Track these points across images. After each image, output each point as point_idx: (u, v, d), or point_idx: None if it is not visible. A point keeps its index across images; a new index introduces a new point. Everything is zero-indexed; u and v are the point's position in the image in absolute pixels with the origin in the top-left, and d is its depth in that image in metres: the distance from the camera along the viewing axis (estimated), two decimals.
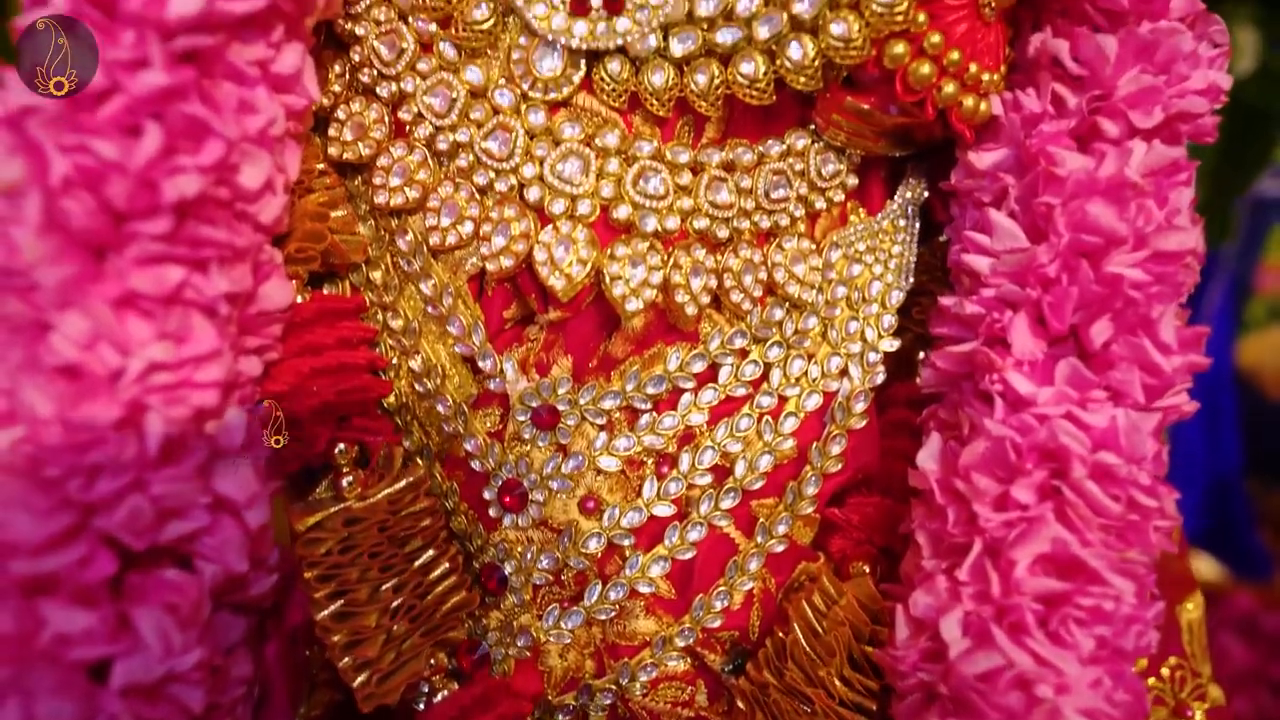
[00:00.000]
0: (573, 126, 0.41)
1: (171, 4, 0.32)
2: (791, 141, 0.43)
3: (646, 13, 0.39)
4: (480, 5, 0.40)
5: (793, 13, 0.39)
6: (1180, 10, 0.42)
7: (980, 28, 0.40)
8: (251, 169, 0.35)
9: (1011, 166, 0.42)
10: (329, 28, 0.43)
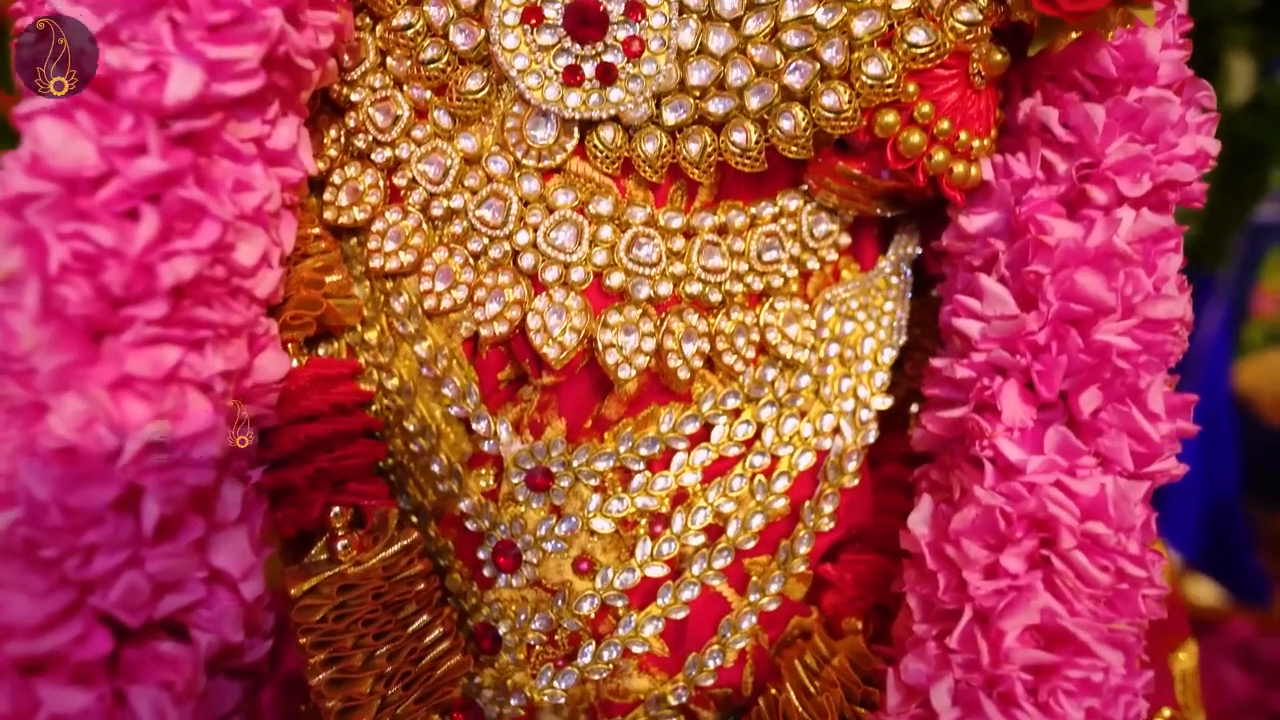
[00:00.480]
0: (566, 193, 0.41)
1: (169, 88, 0.33)
2: (784, 203, 0.44)
3: (639, 83, 0.39)
4: (474, 75, 0.40)
5: (784, 83, 0.39)
6: (1168, 77, 0.42)
7: (970, 95, 0.41)
8: (247, 246, 0.35)
9: (1001, 231, 0.42)
10: (324, 93, 0.43)
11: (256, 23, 0.34)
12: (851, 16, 0.39)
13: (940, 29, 0.39)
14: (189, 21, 0.33)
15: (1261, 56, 1.11)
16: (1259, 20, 1.14)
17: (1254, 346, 1.26)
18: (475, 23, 0.40)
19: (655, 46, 0.39)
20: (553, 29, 0.39)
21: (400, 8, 0.40)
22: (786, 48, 0.39)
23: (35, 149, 0.31)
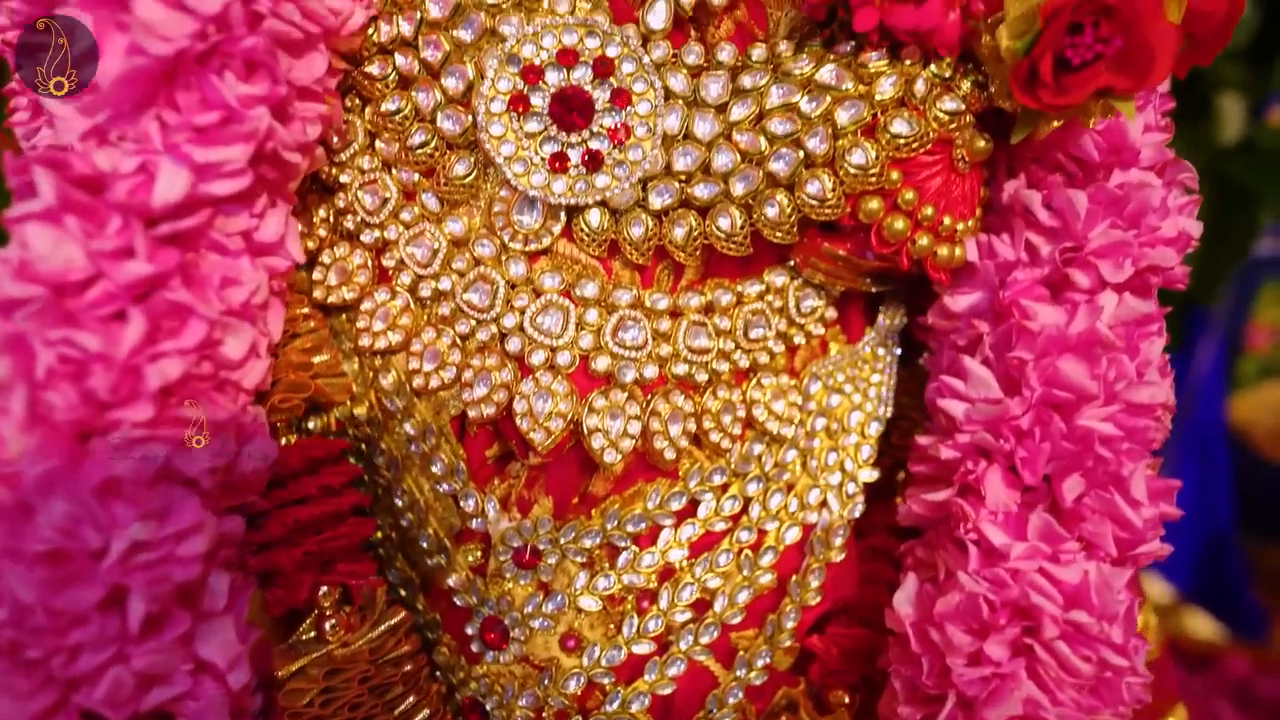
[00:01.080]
0: (553, 277, 0.41)
1: (156, 191, 0.33)
2: (770, 279, 0.44)
3: (625, 169, 0.40)
4: (462, 160, 0.41)
5: (769, 170, 0.40)
6: (1150, 159, 0.42)
7: (954, 179, 0.41)
8: (235, 341, 0.35)
9: (986, 312, 0.43)
10: (314, 172, 0.44)
11: (244, 123, 0.34)
12: (835, 106, 0.39)
13: (923, 118, 0.39)
14: (177, 123, 0.34)
15: (1252, 95, 1.12)
16: (1250, 58, 1.15)
17: (1248, 380, 1.26)
18: (462, 109, 0.40)
19: (641, 133, 0.39)
20: (539, 117, 0.39)
21: (389, 92, 0.41)
22: (771, 135, 0.40)
23: (24, 254, 0.32)
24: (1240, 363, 1.26)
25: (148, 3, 0.33)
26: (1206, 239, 0.85)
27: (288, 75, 0.36)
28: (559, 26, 0.39)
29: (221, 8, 0.34)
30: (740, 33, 0.41)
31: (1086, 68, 0.36)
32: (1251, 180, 0.84)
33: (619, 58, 0.39)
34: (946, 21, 0.38)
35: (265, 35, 0.35)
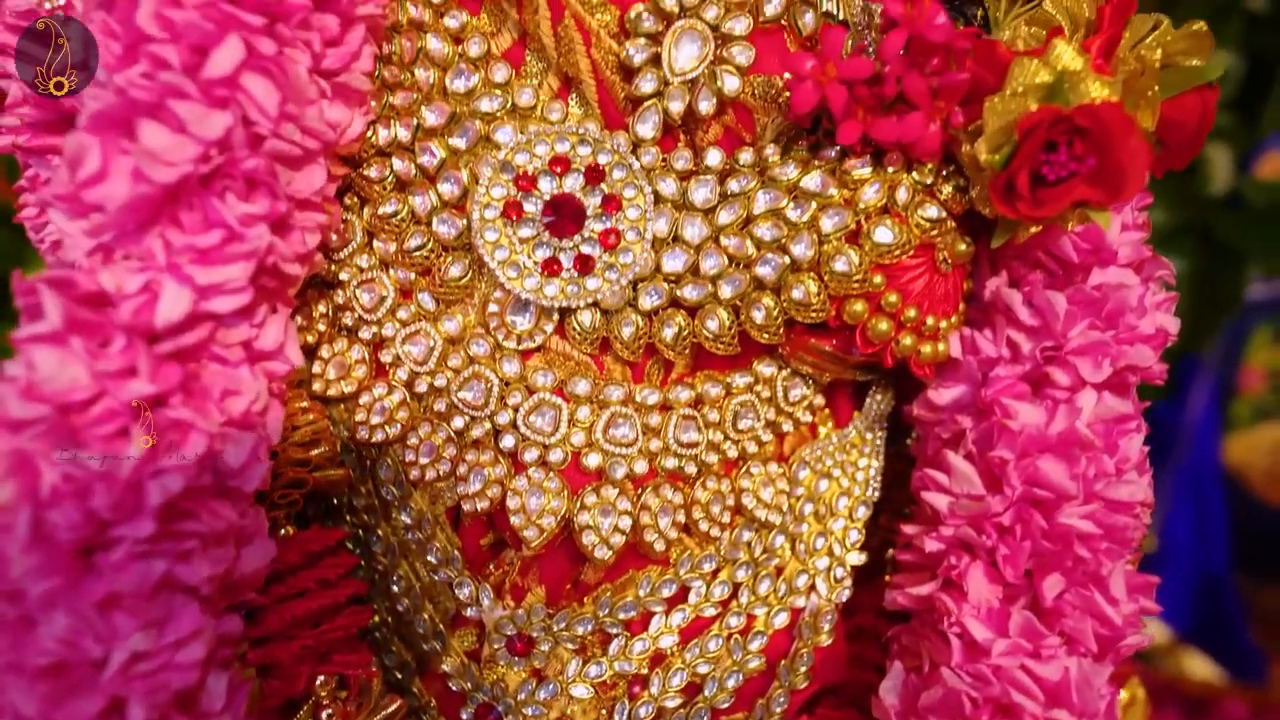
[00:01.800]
0: (545, 375, 0.42)
1: (159, 311, 0.34)
2: (759, 370, 0.45)
3: (616, 271, 0.41)
4: (457, 263, 0.42)
5: (755, 274, 0.41)
6: (1128, 257, 0.44)
7: (937, 279, 0.42)
8: (235, 450, 0.36)
9: (969, 406, 0.44)
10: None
11: (245, 242, 0.35)
12: (820, 213, 0.40)
13: (906, 225, 0.40)
14: (180, 243, 0.35)
15: (1240, 143, 1.13)
16: (1238, 106, 1.17)
17: (1242, 422, 1.27)
18: (458, 213, 0.41)
19: (631, 237, 0.41)
20: (532, 223, 0.40)
21: (386, 194, 0.42)
22: (758, 240, 0.41)
23: (30, 375, 0.33)
24: (1234, 405, 1.26)
25: (152, 129, 0.34)
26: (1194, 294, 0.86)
27: (287, 189, 0.37)
28: (551, 135, 0.40)
29: (224, 131, 0.35)
30: (728, 136, 0.42)
31: (1062, 183, 0.37)
32: (1238, 238, 0.85)
33: (610, 165, 0.40)
34: (928, 133, 0.39)
35: (266, 155, 0.36)
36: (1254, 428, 1.27)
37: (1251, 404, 1.28)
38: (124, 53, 0.35)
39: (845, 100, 0.38)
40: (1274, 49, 1.17)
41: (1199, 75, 0.40)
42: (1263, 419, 1.28)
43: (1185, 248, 0.87)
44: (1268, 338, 1.23)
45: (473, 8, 0.41)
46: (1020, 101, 0.38)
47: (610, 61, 0.40)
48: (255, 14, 0.36)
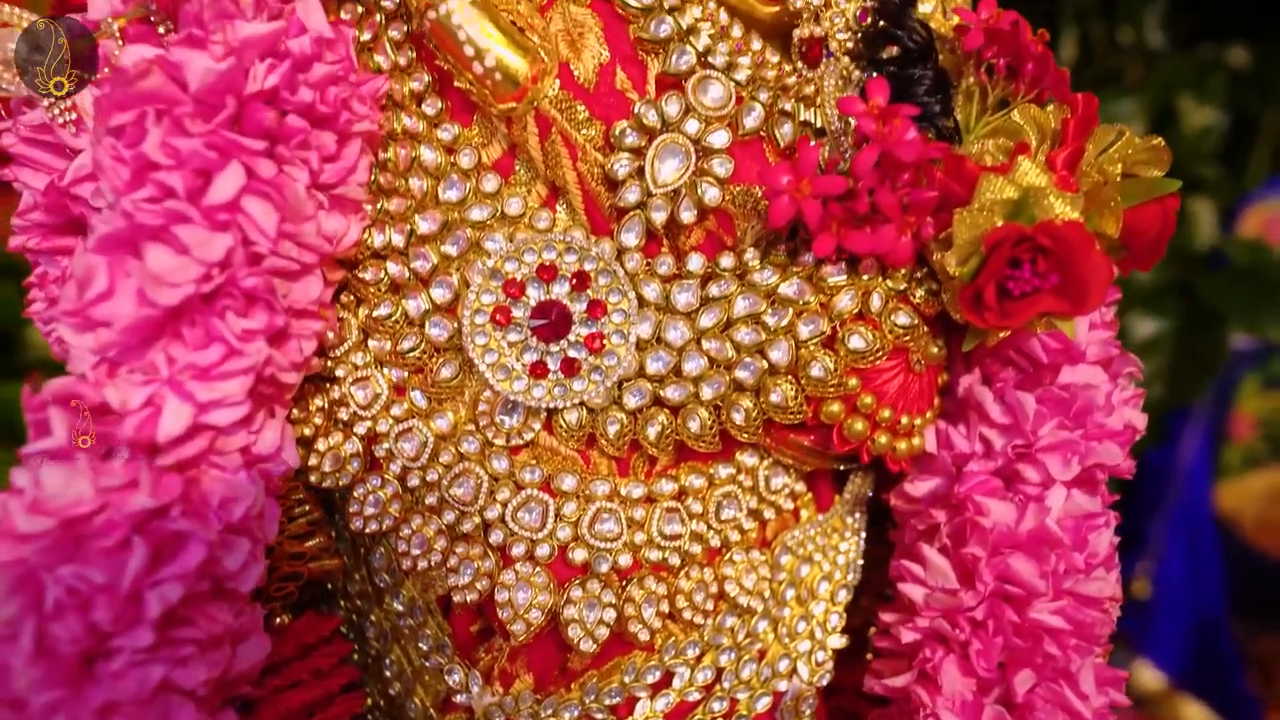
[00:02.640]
0: (533, 471, 0.44)
1: (161, 427, 0.36)
2: (741, 460, 0.46)
3: (601, 374, 0.42)
4: (448, 364, 0.43)
5: (735, 377, 0.42)
6: (1096, 355, 0.45)
7: (912, 379, 0.44)
8: (233, 555, 0.38)
9: (943, 498, 0.45)
10: None
11: (243, 359, 0.37)
12: (797, 319, 0.42)
13: (880, 330, 0.42)
14: (182, 359, 0.36)
15: (1224, 197, 1.15)
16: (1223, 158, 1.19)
17: (1233, 469, 1.28)
18: (449, 316, 0.43)
19: (615, 340, 0.42)
20: (519, 328, 0.42)
21: (381, 296, 0.44)
22: (737, 344, 0.42)
23: (36, 492, 0.34)
24: (1225, 452, 1.27)
25: (157, 252, 0.36)
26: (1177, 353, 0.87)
27: (285, 300, 0.39)
28: (539, 243, 0.42)
29: (225, 253, 0.36)
30: (710, 240, 0.44)
31: (1027, 298, 0.38)
32: (1219, 298, 0.87)
33: (595, 271, 0.42)
34: (900, 245, 0.40)
35: (264, 272, 0.38)
36: (1245, 475, 1.28)
37: (1242, 451, 1.29)
38: (132, 178, 0.37)
39: (820, 215, 0.40)
40: (1256, 105, 1.19)
41: (1158, 187, 0.42)
42: (1253, 466, 1.28)
43: (1169, 306, 0.89)
44: (1256, 386, 1.24)
45: (465, 119, 0.43)
46: (987, 217, 0.40)
47: (596, 173, 0.42)
48: (256, 138, 0.38)
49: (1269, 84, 1.21)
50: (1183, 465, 1.28)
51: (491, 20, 0.40)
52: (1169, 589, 1.32)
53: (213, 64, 0.37)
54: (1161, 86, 1.13)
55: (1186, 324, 0.88)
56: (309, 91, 0.39)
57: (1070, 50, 1.13)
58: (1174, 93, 1.15)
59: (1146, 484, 1.32)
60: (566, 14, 0.42)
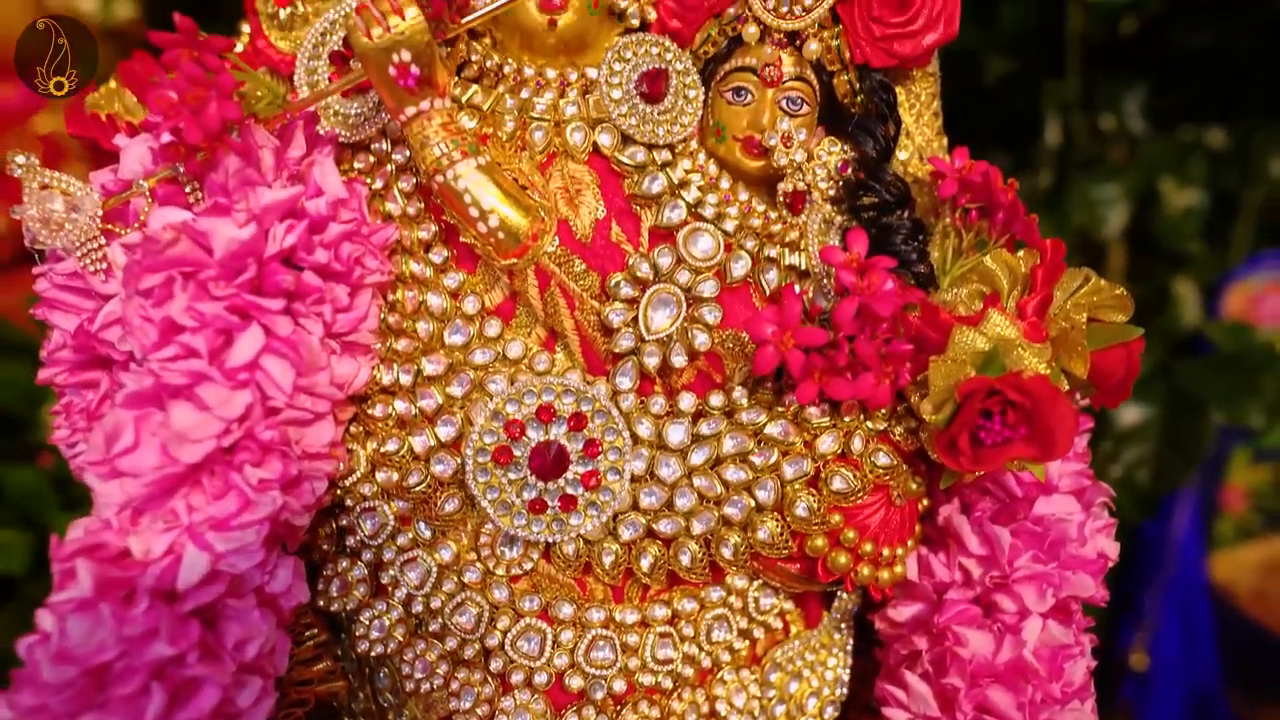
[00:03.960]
0: (532, 599, 0.46)
1: (181, 575, 0.38)
2: (731, 583, 0.48)
3: (596, 509, 0.44)
4: (452, 499, 0.45)
5: (724, 514, 0.45)
6: (1069, 486, 0.47)
7: (893, 512, 0.46)
8: (246, 693, 0.39)
9: (925, 623, 0.47)
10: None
11: (259, 509, 0.39)
12: (783, 460, 0.44)
13: (861, 470, 0.44)
14: (201, 511, 0.39)
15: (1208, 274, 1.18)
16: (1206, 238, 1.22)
17: (1226, 541, 1.29)
18: (453, 453, 0.45)
19: (611, 478, 0.44)
20: (519, 467, 0.44)
21: (389, 431, 0.46)
22: (726, 481, 0.45)
23: (62, 642, 0.36)
24: (1218, 524, 1.29)
25: (181, 410, 0.39)
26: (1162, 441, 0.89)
27: (298, 445, 0.41)
28: (539, 386, 0.44)
29: (244, 409, 0.39)
30: (700, 379, 0.46)
31: (998, 446, 0.41)
32: (1202, 386, 0.89)
33: (591, 412, 0.44)
34: (879, 390, 0.43)
35: (280, 424, 0.40)
36: (1238, 546, 1.29)
37: (1234, 523, 1.30)
38: (159, 338, 0.39)
39: (803, 364, 0.42)
40: (1236, 182, 1.23)
41: (1123, 334, 0.44)
42: (1246, 538, 1.29)
43: (1154, 392, 0.91)
44: (1246, 459, 1.26)
45: (469, 266, 0.46)
46: (960, 368, 0.42)
47: (592, 321, 0.45)
48: (275, 298, 0.41)
49: (1248, 162, 1.25)
50: (1175, 537, 1.29)
51: (495, 182, 0.43)
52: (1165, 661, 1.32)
53: (236, 231, 0.40)
54: (1144, 169, 1.17)
55: (1171, 410, 0.90)
56: (324, 252, 0.42)
57: (1055, 136, 1.17)
58: (1156, 175, 1.18)
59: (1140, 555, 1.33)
60: (565, 171, 0.45)
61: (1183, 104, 1.24)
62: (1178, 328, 1.09)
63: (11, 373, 1.08)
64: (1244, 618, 1.32)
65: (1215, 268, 1.20)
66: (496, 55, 0.46)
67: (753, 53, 0.45)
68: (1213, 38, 1.16)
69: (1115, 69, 1.18)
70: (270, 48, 0.50)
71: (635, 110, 0.45)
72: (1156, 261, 1.22)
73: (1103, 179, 1.15)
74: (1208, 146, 1.23)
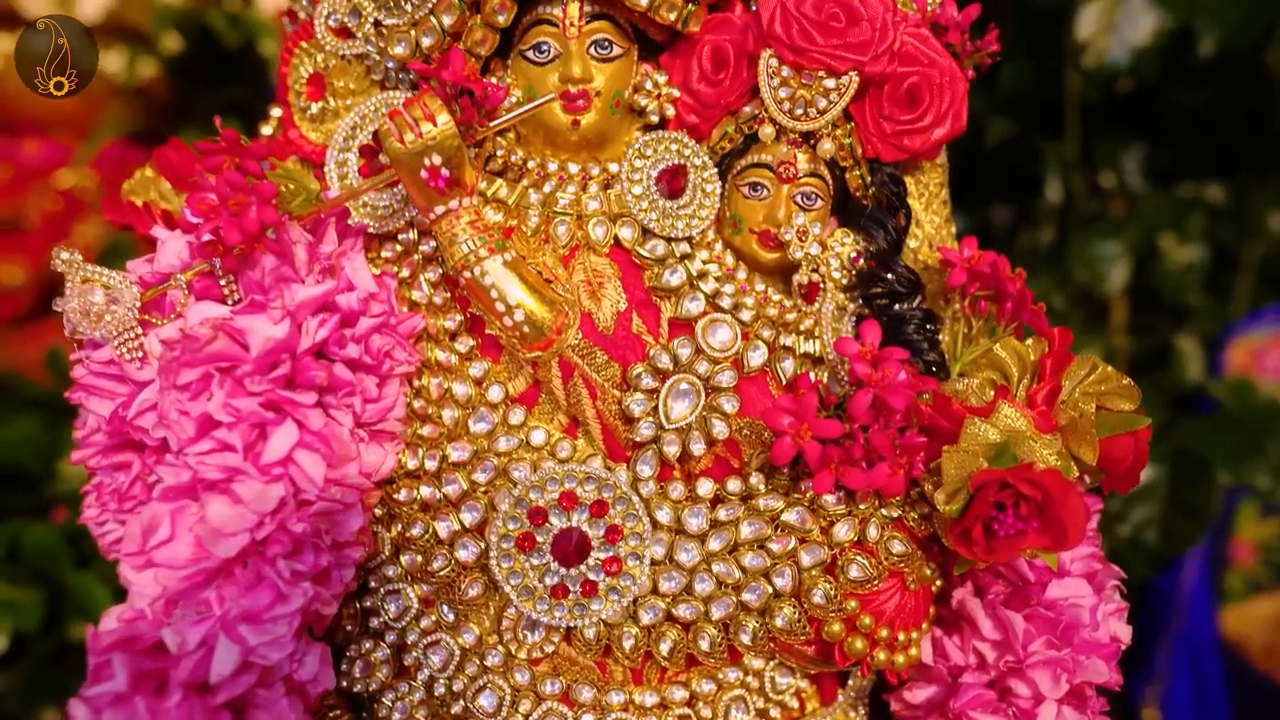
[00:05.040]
0: (553, 683, 0.46)
1: (214, 668, 0.39)
2: (749, 664, 0.49)
3: (617, 594, 0.45)
4: (475, 583, 0.46)
5: (742, 599, 0.45)
6: (1080, 570, 0.48)
7: (908, 596, 0.47)
8: None
9: (940, 705, 0.47)
10: None
11: (290, 602, 0.40)
12: (800, 547, 0.45)
13: (876, 558, 0.45)
14: (234, 603, 0.40)
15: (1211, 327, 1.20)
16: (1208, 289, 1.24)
17: (1236, 595, 1.29)
18: (477, 537, 0.46)
19: (631, 563, 0.45)
20: (542, 552, 0.45)
21: (414, 516, 0.47)
22: (744, 567, 0.46)
23: None
24: (1227, 578, 1.28)
25: (217, 504, 0.40)
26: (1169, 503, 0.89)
27: (328, 536, 0.42)
28: (561, 474, 0.45)
29: (277, 503, 0.40)
30: (718, 464, 0.47)
31: (1011, 538, 0.42)
32: (1206, 447, 0.90)
33: (612, 499, 0.45)
34: (893, 480, 0.44)
35: (312, 517, 0.41)
36: (1247, 600, 1.29)
37: (1243, 577, 1.29)
38: (196, 433, 0.41)
39: (819, 455, 0.43)
40: (1235, 237, 1.25)
41: (1130, 423, 0.46)
42: (1255, 592, 1.29)
43: (1159, 452, 0.92)
44: (1254, 512, 1.26)
45: (494, 355, 0.47)
46: (973, 459, 0.43)
47: (613, 409, 0.46)
48: (307, 392, 0.42)
49: (1246, 218, 1.27)
50: (1185, 590, 1.29)
51: (521, 278, 0.44)
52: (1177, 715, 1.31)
53: (272, 329, 0.41)
54: (1144, 226, 1.19)
55: (1177, 469, 0.91)
56: (355, 346, 0.43)
57: (1055, 194, 1.19)
58: (1156, 231, 1.20)
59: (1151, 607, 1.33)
60: (587, 265, 0.46)
61: (1179, 161, 1.26)
62: (1181, 383, 1.10)
63: (26, 428, 1.10)
64: (1256, 672, 1.31)
65: (1217, 321, 1.21)
66: (521, 150, 0.48)
67: (768, 150, 0.47)
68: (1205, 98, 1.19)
69: (1113, 128, 1.21)
70: (302, 139, 0.52)
71: (655, 205, 0.46)
72: (1159, 316, 1.23)
73: (1104, 236, 1.17)
74: (1206, 202, 1.25)
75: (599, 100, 0.46)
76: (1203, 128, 1.25)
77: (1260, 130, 1.20)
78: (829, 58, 0.45)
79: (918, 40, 0.47)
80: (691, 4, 0.46)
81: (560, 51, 0.46)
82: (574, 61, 0.45)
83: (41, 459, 1.05)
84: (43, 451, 1.05)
